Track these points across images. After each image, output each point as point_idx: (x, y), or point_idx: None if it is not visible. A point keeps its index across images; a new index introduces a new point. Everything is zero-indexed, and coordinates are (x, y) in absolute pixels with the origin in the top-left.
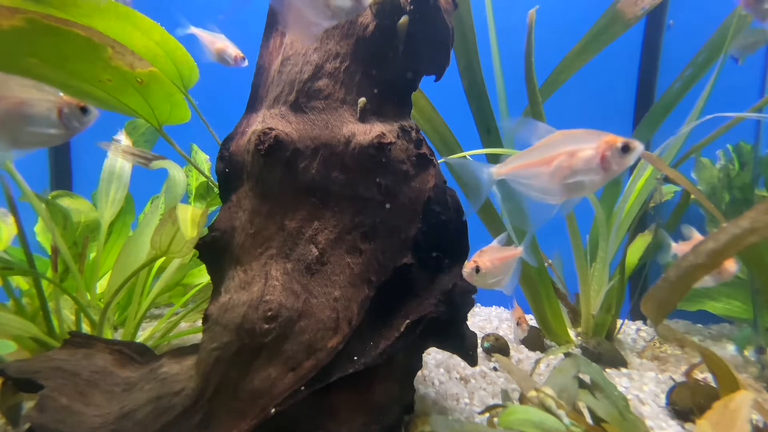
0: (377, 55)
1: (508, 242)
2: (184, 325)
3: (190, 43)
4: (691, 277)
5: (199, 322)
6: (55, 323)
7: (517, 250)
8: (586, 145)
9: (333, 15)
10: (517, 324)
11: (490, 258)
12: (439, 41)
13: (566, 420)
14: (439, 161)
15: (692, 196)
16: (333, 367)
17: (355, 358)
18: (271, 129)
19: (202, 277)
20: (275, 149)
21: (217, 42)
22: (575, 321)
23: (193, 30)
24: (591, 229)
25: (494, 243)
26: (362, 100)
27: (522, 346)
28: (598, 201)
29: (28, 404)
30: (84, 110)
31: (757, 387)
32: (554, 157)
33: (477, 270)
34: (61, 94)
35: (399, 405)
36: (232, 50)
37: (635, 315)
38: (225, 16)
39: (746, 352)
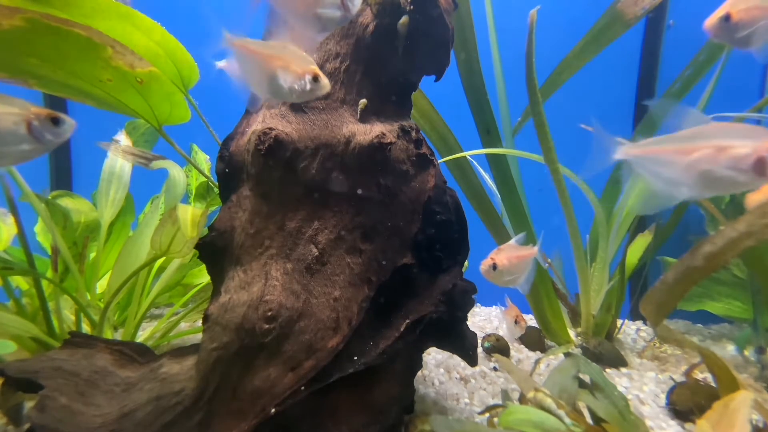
0: (377, 54)
1: (525, 242)
2: (184, 325)
3: (222, 78)
4: (689, 280)
5: (199, 322)
6: (55, 323)
7: (533, 250)
8: (741, 142)
9: (324, 27)
10: (515, 322)
11: (507, 256)
12: (439, 41)
13: (567, 420)
14: (439, 161)
15: None
16: (333, 367)
17: (355, 358)
18: (271, 129)
19: (202, 277)
20: (275, 149)
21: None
22: (575, 321)
23: (220, 65)
24: (591, 229)
25: (512, 242)
26: (363, 101)
27: (522, 346)
28: (598, 201)
29: (29, 404)
30: (56, 121)
31: (757, 387)
32: (697, 148)
33: (494, 267)
34: (32, 106)
35: (399, 405)
36: None
37: (635, 315)
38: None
39: (746, 352)
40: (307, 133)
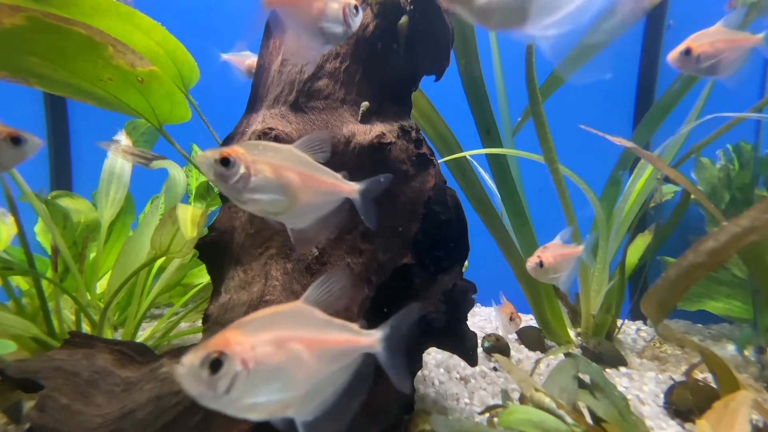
0: (377, 55)
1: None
2: (184, 325)
3: (225, 71)
4: (691, 276)
5: (199, 322)
6: (55, 323)
7: (578, 249)
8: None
9: (327, 40)
10: (510, 319)
11: (553, 254)
12: (439, 41)
13: (569, 420)
14: (439, 161)
15: (692, 196)
16: None
17: None
18: (271, 129)
19: (202, 277)
20: None
21: (245, 60)
22: (575, 321)
23: (225, 57)
24: (591, 229)
25: (556, 240)
26: (365, 104)
27: (522, 346)
28: (598, 201)
29: (29, 404)
30: (16, 140)
31: (757, 387)
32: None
33: (540, 265)
34: None
35: (399, 405)
36: None
37: (635, 315)
38: (242, 43)
39: (746, 352)
40: (307, 133)
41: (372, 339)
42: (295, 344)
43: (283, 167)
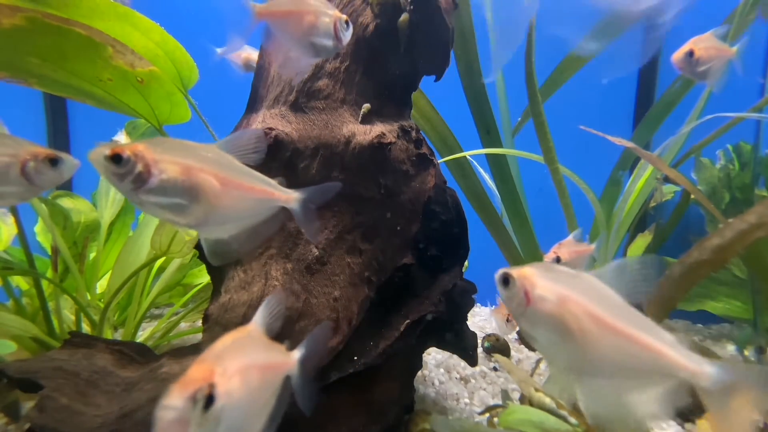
0: (377, 54)
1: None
2: (184, 325)
3: (225, 71)
4: (696, 274)
5: (199, 322)
6: (55, 323)
7: (590, 247)
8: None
9: (317, 53)
10: (507, 321)
11: (568, 250)
12: (439, 41)
13: (573, 420)
14: (439, 161)
15: (692, 196)
16: (333, 367)
17: (355, 358)
18: (271, 129)
19: (202, 277)
20: (275, 149)
21: (242, 54)
22: None
23: (220, 53)
24: (591, 229)
25: (570, 238)
26: (366, 105)
27: (522, 346)
28: (598, 201)
29: (29, 404)
30: (54, 162)
31: None
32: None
33: (558, 260)
34: (30, 146)
35: (399, 405)
36: (256, 55)
37: None
38: (224, 53)
39: (746, 352)
40: (307, 133)
41: (293, 361)
42: (253, 373)
43: (195, 168)
